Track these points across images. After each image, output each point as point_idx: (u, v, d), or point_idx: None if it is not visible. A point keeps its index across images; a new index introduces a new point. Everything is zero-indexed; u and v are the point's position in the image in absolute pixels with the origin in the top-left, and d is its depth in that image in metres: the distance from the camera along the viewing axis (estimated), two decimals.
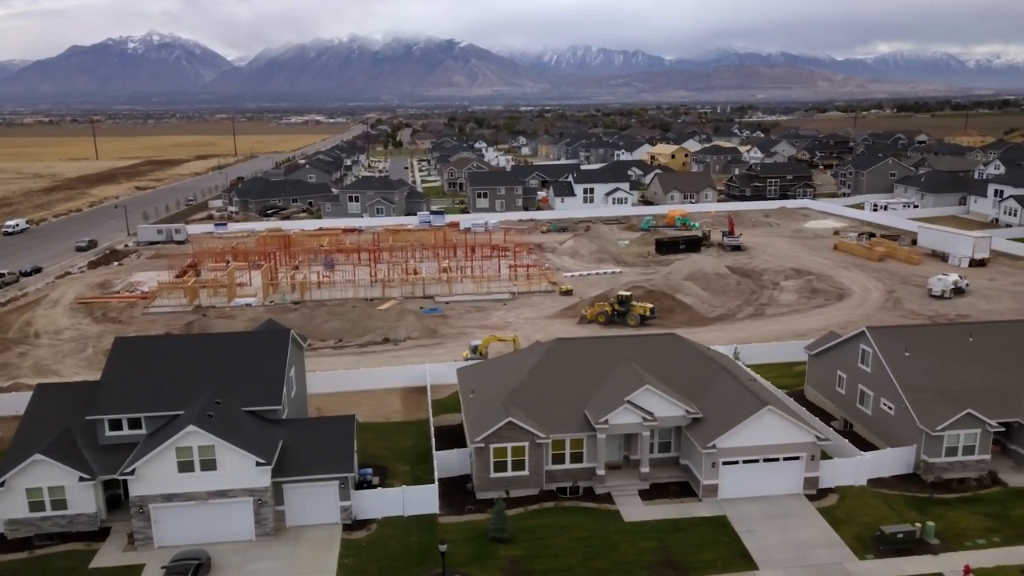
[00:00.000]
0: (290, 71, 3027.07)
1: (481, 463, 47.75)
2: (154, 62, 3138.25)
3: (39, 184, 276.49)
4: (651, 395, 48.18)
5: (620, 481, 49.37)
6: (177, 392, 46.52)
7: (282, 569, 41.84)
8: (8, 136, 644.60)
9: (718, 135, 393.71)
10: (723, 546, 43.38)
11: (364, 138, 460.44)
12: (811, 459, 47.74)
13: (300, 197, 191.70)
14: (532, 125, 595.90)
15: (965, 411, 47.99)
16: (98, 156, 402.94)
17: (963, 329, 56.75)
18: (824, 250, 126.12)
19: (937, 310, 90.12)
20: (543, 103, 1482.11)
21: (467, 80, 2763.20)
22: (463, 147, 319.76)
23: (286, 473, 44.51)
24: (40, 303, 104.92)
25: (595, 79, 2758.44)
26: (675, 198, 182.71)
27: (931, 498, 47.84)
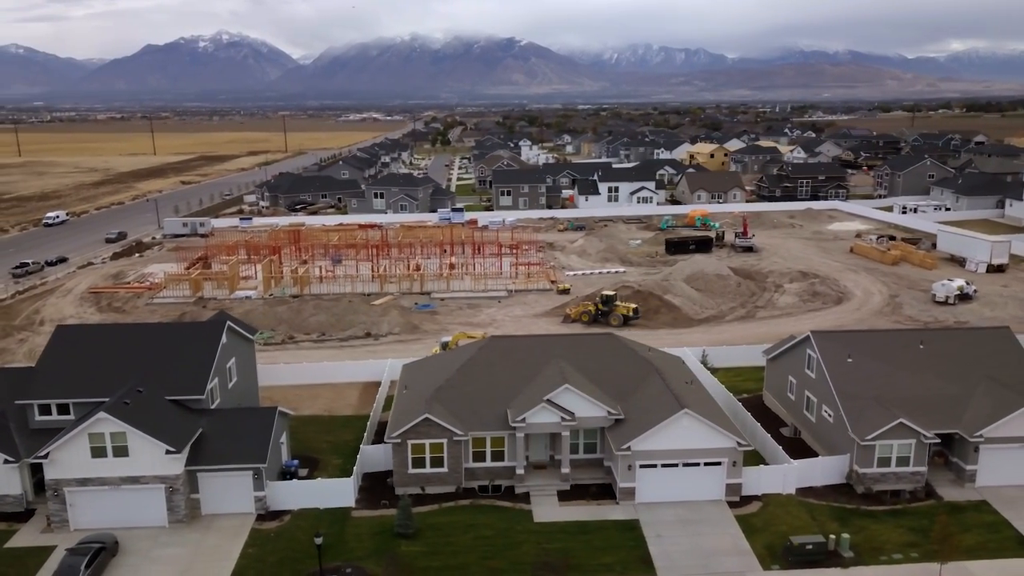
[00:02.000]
0: (352, 69, 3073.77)
1: (399, 459, 47.90)
2: (222, 60, 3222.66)
3: (91, 178, 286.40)
4: (571, 395, 47.65)
5: (542, 481, 48.97)
6: (106, 380, 47.80)
7: (186, 556, 42.67)
8: (79, 132, 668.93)
9: (769, 135, 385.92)
10: (626, 550, 42.67)
11: (412, 135, 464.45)
12: (733, 465, 46.58)
13: (329, 193, 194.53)
14: (584, 123, 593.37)
15: (897, 420, 46.20)
16: (155, 151, 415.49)
17: (915, 335, 54.62)
18: (839, 253, 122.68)
19: (936, 316, 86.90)
20: (601, 102, 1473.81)
21: (526, 79, 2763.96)
22: (503, 145, 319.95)
23: (201, 462, 45.40)
24: (54, 292, 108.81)
25: (655, 77, 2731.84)
26: (702, 198, 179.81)
27: (858, 509, 46.21)
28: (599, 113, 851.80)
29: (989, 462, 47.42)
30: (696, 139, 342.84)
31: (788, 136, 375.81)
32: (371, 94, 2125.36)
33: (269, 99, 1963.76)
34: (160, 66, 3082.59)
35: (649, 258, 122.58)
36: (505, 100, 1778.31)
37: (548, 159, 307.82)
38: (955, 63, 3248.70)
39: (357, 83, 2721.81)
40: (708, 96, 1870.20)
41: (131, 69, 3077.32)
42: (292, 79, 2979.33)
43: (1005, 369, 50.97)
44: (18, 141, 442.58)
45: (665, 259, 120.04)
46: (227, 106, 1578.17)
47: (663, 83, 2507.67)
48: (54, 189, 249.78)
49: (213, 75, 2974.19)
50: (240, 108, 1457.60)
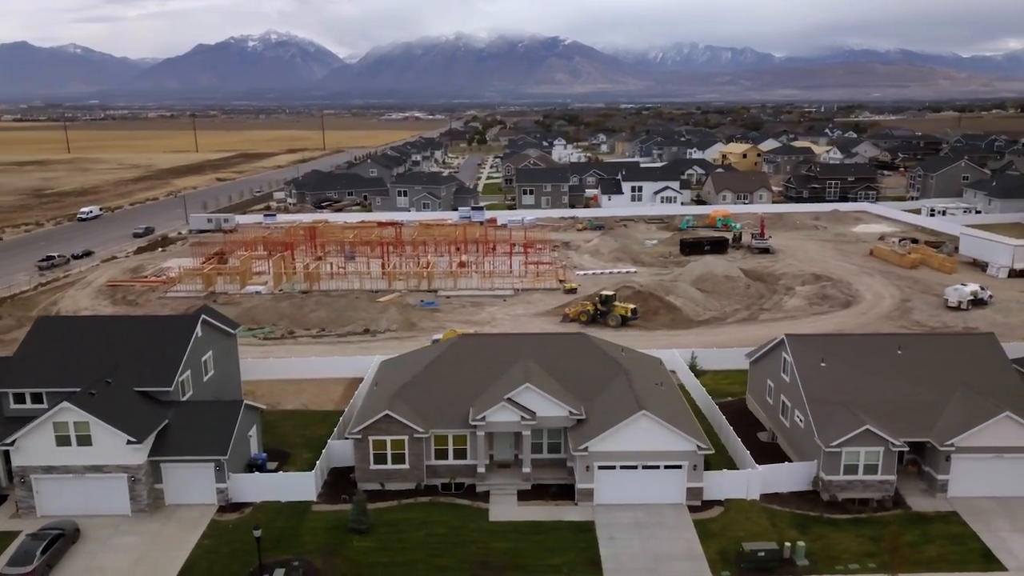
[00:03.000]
0: (397, 68, 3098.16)
1: (361, 454, 48.19)
2: (271, 60, 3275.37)
3: (132, 174, 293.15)
4: (532, 394, 47.43)
5: (503, 480, 48.82)
6: (80, 370, 48.86)
7: (143, 544, 43.46)
8: (129, 129, 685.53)
9: (809, 135, 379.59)
10: (576, 552, 42.32)
11: (448, 134, 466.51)
12: (693, 469, 45.89)
13: (356, 191, 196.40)
14: (623, 123, 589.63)
15: (864, 427, 45.04)
16: (197, 149, 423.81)
17: (893, 340, 53.15)
18: (857, 255, 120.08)
19: (945, 321, 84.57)
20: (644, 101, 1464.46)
21: (569, 78, 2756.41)
22: (535, 144, 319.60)
23: (164, 453, 46.20)
24: (75, 284, 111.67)
25: (700, 76, 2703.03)
26: (727, 198, 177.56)
27: (821, 517, 45.16)
28: (640, 112, 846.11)
29: (961, 472, 45.98)
30: (732, 139, 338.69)
31: (828, 136, 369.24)
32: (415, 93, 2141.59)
33: (315, 98, 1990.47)
34: (210, 65, 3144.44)
35: (662, 258, 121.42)
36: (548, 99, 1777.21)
37: (580, 158, 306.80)
38: (1013, 62, 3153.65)
39: (402, 82, 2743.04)
40: (754, 96, 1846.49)
41: (183, 68, 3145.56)
42: (338, 78, 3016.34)
43: (985, 377, 49.37)
44: (67, 138, 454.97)
45: (678, 260, 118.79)
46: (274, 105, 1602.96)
47: (708, 82, 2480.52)
48: (94, 185, 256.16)
49: (261, 74, 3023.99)
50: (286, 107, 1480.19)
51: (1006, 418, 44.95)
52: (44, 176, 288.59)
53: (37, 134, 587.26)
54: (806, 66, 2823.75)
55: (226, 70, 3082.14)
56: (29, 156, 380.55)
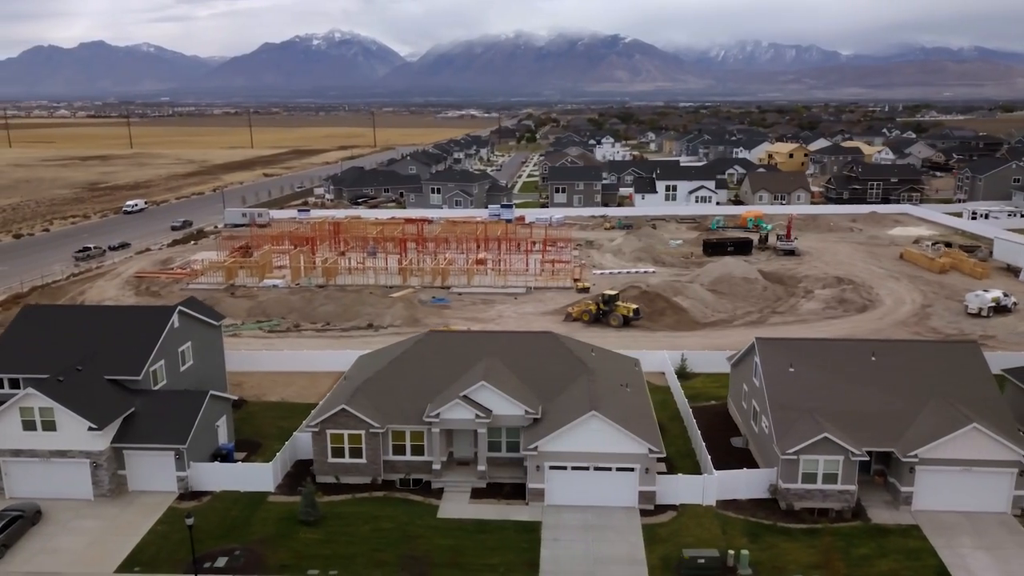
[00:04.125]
0: (457, 66, 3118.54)
1: (319, 447, 48.66)
2: (334, 58, 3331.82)
3: (185, 169, 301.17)
4: (488, 392, 47.22)
5: (459, 477, 48.72)
6: (57, 357, 50.40)
7: (100, 528, 44.66)
8: (193, 126, 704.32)
9: (868, 135, 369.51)
10: (517, 553, 41.99)
11: (497, 132, 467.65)
12: (646, 472, 45.08)
13: (392, 187, 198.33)
14: (679, 121, 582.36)
15: (822, 435, 43.59)
16: (252, 145, 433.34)
17: (868, 347, 51.28)
18: (887, 259, 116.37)
19: (962, 329, 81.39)
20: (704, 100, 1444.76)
21: (629, 76, 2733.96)
22: (578, 142, 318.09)
23: (128, 440, 47.39)
24: (105, 275, 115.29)
25: (763, 75, 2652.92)
26: (763, 198, 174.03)
27: (775, 526, 43.91)
28: (699, 111, 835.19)
29: (926, 485, 44.16)
30: (783, 138, 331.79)
31: (885, 136, 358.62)
32: (475, 91, 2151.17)
33: (376, 96, 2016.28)
34: (276, 63, 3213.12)
35: (684, 259, 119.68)
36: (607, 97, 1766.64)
37: (626, 156, 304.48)
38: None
39: (462, 80, 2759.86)
40: (819, 94, 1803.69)
41: (249, 66, 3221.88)
42: (399, 76, 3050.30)
43: (963, 387, 47.31)
44: (130, 134, 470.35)
45: (700, 260, 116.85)
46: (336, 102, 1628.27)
47: (771, 81, 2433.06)
48: (148, 179, 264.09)
49: (325, 72, 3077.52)
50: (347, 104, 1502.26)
51: (973, 430, 43.01)
52: (103, 170, 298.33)
53: (106, 130, 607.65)
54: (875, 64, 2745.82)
55: (291, 68, 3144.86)
56: (94, 151, 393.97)
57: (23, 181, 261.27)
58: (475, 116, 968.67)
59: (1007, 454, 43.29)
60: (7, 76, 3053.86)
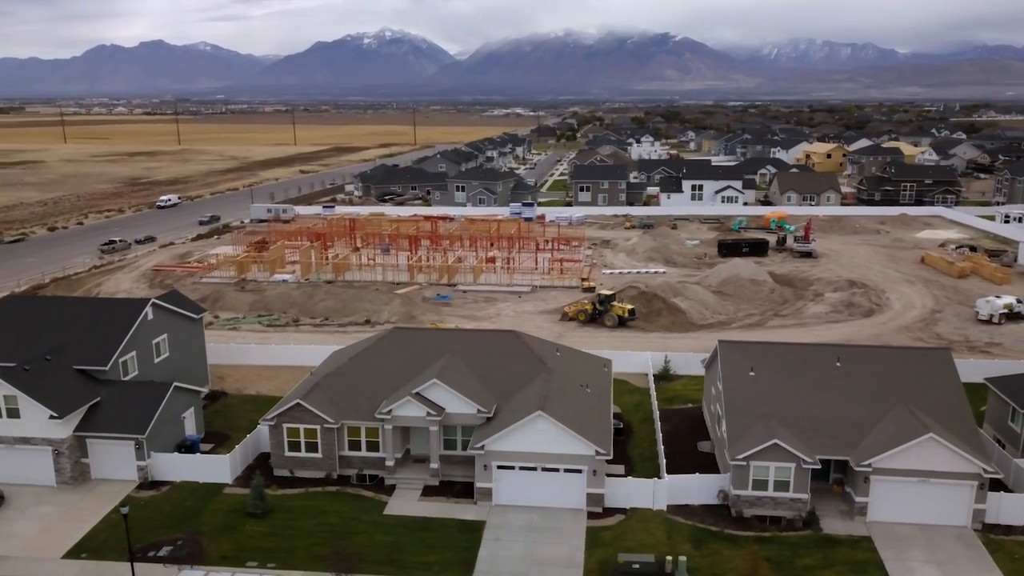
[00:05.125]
0: (505, 65, 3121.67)
1: (276, 441, 49.13)
2: (384, 56, 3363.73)
3: (226, 165, 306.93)
4: (440, 389, 47.11)
5: (412, 475, 48.73)
6: (31, 347, 51.74)
7: (57, 514, 45.72)
8: (242, 123, 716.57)
9: (916, 135, 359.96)
10: (455, 551, 41.82)
11: (537, 131, 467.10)
12: (593, 474, 44.51)
13: (419, 185, 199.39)
14: (724, 120, 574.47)
15: (771, 441, 42.50)
16: (295, 142, 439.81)
17: (833, 351, 49.78)
18: (907, 263, 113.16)
19: (968, 336, 78.73)
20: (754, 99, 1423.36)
21: (679, 74, 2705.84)
22: (613, 141, 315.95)
23: (91, 429, 48.45)
24: (124, 268, 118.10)
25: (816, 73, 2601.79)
26: (792, 199, 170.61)
27: (721, 532, 42.96)
28: (746, 111, 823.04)
29: (882, 495, 42.75)
30: (824, 138, 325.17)
31: (934, 136, 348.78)
32: (523, 89, 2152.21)
33: (425, 94, 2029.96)
34: (327, 62, 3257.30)
35: (697, 259, 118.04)
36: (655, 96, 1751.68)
37: (662, 155, 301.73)
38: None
39: (510, 78, 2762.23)
40: (874, 94, 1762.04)
41: (301, 65, 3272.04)
42: (448, 74, 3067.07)
43: (929, 395, 45.67)
44: (178, 131, 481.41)
45: (712, 261, 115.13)
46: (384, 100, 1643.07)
47: (825, 80, 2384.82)
48: (187, 175, 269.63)
49: (375, 70, 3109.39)
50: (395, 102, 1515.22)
51: (930, 440, 41.50)
52: (147, 166, 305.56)
53: (158, 127, 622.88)
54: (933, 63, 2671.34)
55: (342, 66, 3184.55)
56: (143, 147, 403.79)
57: (70, 176, 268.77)
58: (520, 114, 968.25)
59: (966, 466, 41.68)
60: (72, 74, 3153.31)
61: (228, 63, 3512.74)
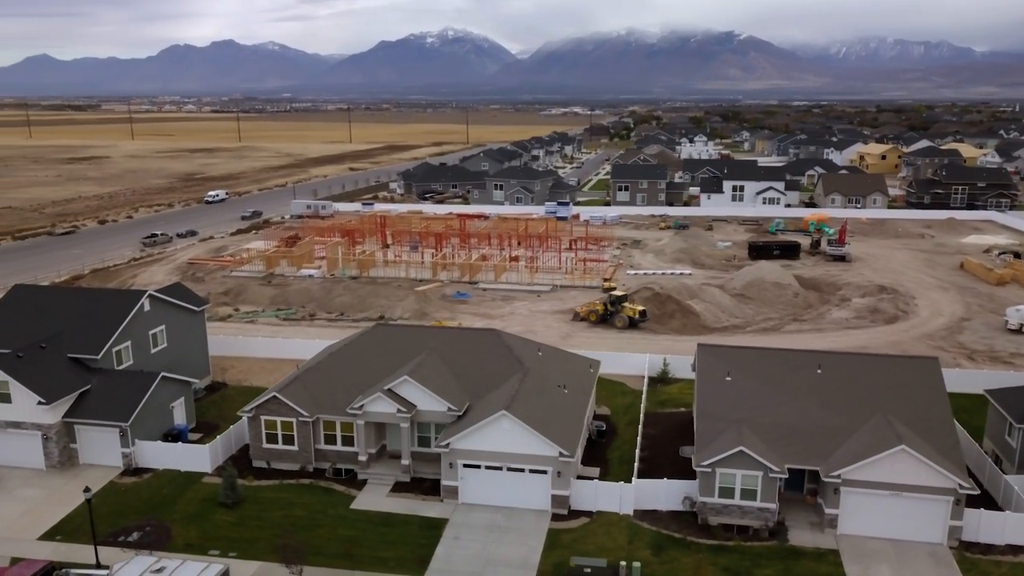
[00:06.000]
0: (566, 64, 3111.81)
1: (254, 432, 49.93)
2: (446, 56, 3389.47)
3: (279, 162, 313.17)
4: (411, 387, 47.23)
5: (385, 470, 48.97)
6: (30, 334, 53.63)
7: (40, 497, 47.30)
8: (304, 121, 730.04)
9: (986, 136, 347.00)
10: (412, 548, 41.86)
11: (589, 130, 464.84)
12: (558, 475, 44.03)
13: (459, 183, 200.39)
14: (783, 120, 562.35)
15: (737, 448, 41.40)
16: (351, 140, 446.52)
17: (815, 358, 48.18)
18: (945, 268, 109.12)
19: (993, 346, 75.51)
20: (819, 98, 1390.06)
21: (742, 74, 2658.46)
22: (663, 140, 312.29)
23: (79, 415, 50.00)
24: (161, 260, 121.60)
25: (886, 73, 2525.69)
26: (835, 201, 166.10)
27: (684, 540, 42.04)
28: (810, 110, 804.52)
29: (853, 508, 41.25)
30: (884, 139, 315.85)
31: (1002, 138, 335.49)
32: (583, 89, 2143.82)
33: (485, 93, 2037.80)
34: (390, 61, 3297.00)
35: (726, 261, 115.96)
36: (718, 96, 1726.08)
37: (713, 155, 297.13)
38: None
39: (570, 77, 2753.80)
40: (947, 93, 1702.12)
41: (365, 64, 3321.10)
42: (509, 73, 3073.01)
43: (912, 405, 43.89)
44: (239, 128, 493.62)
45: (741, 263, 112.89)
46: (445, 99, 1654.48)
47: (896, 79, 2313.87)
48: (240, 171, 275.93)
49: (437, 69, 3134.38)
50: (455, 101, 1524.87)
51: (902, 452, 39.85)
52: (205, 162, 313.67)
53: (223, 124, 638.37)
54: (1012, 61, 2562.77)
55: (405, 66, 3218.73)
56: (205, 144, 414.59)
57: (131, 171, 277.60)
58: (578, 113, 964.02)
59: (941, 481, 39.93)
60: (147, 74, 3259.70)
61: (295, 62, 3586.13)
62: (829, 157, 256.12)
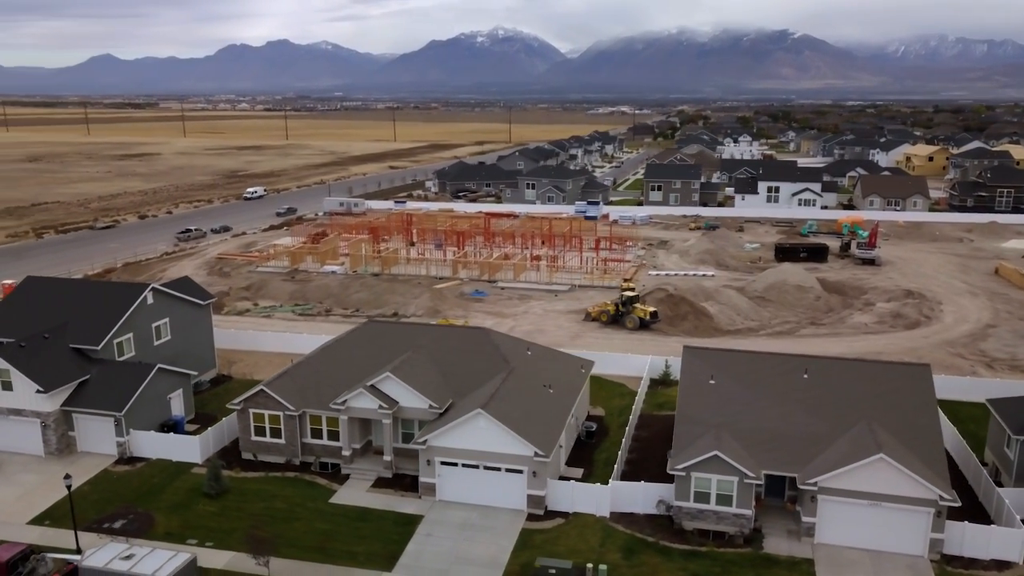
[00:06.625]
0: (616, 63, 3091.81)
1: (243, 425, 50.72)
2: (496, 55, 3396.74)
3: (321, 160, 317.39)
4: (393, 383, 47.45)
5: (368, 465, 49.30)
6: (38, 324, 55.32)
7: (35, 483, 48.74)
8: (353, 119, 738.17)
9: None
10: (384, 543, 42.07)
11: (633, 129, 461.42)
12: (533, 475, 43.80)
13: (493, 182, 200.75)
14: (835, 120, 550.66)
15: (712, 453, 40.66)
16: (395, 138, 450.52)
17: (802, 362, 47.00)
18: (979, 273, 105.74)
19: (1016, 354, 73.02)
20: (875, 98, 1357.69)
21: (796, 73, 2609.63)
22: (704, 140, 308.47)
23: (77, 404, 51.39)
24: (192, 255, 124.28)
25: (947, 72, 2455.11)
26: (874, 203, 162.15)
27: (657, 544, 41.45)
28: (864, 110, 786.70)
29: (830, 517, 40.20)
30: (935, 140, 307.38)
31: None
32: (633, 88, 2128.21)
33: (534, 92, 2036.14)
34: (441, 60, 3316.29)
35: (751, 263, 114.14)
36: (770, 95, 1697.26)
37: (755, 155, 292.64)
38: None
39: (620, 77, 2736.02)
40: (1011, 93, 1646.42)
41: (416, 63, 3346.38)
42: (558, 72, 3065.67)
43: (899, 413, 42.59)
44: (286, 127, 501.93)
45: (766, 265, 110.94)
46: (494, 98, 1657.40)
47: (957, 78, 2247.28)
48: (283, 168, 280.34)
49: (486, 69, 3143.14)
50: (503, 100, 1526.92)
51: (880, 460, 38.70)
52: (250, 159, 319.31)
53: (273, 122, 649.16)
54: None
55: (455, 65, 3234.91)
56: (253, 142, 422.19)
57: (178, 168, 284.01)
58: (625, 112, 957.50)
59: (921, 491, 38.67)
60: (205, 73, 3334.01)
61: (347, 61, 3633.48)
62: (875, 158, 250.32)
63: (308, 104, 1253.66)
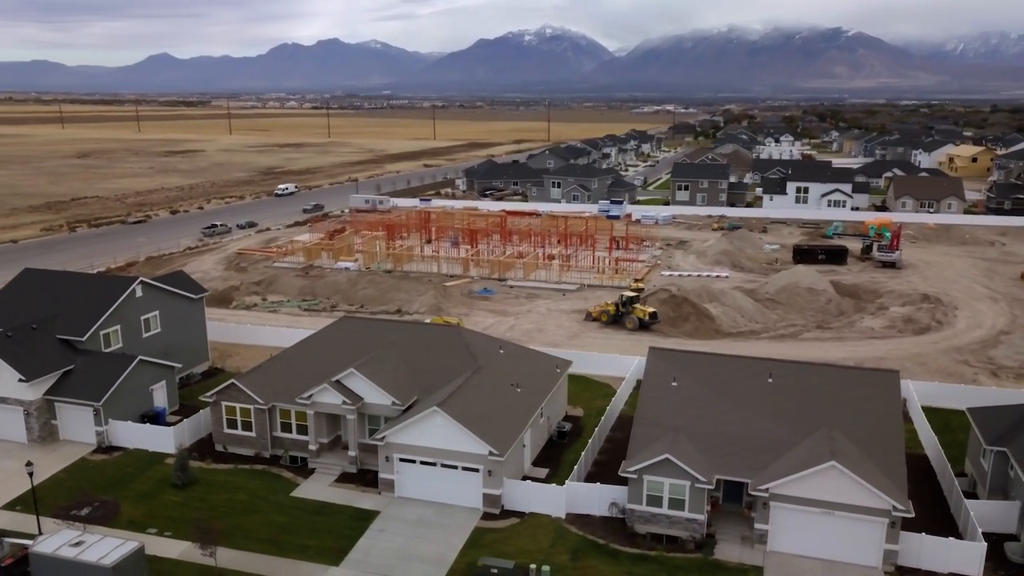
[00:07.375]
0: (665, 61, 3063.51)
1: (216, 417, 51.49)
2: (544, 53, 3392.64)
3: (358, 158, 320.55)
4: (358, 379, 47.69)
5: (334, 460, 49.63)
6: (30, 315, 56.85)
7: (15, 469, 49.83)
8: (398, 118, 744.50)
9: None
10: (336, 538, 42.29)
11: (673, 128, 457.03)
12: (489, 474, 43.62)
13: (520, 180, 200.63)
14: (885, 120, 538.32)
15: (663, 456, 40.00)
16: (435, 137, 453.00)
17: (767, 366, 45.85)
18: (1004, 279, 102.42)
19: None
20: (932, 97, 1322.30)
21: (850, 71, 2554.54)
22: (743, 140, 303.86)
23: (59, 393, 52.70)
24: (214, 250, 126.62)
25: (1009, 71, 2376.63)
26: (907, 205, 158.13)
27: (606, 546, 40.93)
28: (917, 110, 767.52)
29: (783, 524, 39.23)
30: (982, 140, 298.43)
31: None
32: (681, 87, 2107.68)
33: (581, 91, 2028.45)
34: (488, 59, 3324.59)
35: (768, 265, 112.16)
36: (822, 94, 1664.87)
37: (794, 155, 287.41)
38: None
39: (668, 75, 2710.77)
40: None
41: (464, 62, 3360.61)
42: (606, 71, 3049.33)
43: (863, 420, 41.37)
44: (328, 124, 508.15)
45: (784, 267, 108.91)
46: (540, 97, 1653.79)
47: (1019, 77, 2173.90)
48: (319, 166, 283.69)
49: (534, 67, 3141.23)
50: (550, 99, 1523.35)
51: (832, 468, 37.63)
52: (289, 156, 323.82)
53: (318, 120, 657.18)
54: None
55: (502, 63, 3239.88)
56: (295, 139, 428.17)
57: (218, 164, 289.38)
58: (670, 111, 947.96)
59: (875, 501, 37.50)
60: (257, 71, 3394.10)
61: (396, 60, 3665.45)
62: (917, 159, 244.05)
63: (355, 102, 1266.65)
